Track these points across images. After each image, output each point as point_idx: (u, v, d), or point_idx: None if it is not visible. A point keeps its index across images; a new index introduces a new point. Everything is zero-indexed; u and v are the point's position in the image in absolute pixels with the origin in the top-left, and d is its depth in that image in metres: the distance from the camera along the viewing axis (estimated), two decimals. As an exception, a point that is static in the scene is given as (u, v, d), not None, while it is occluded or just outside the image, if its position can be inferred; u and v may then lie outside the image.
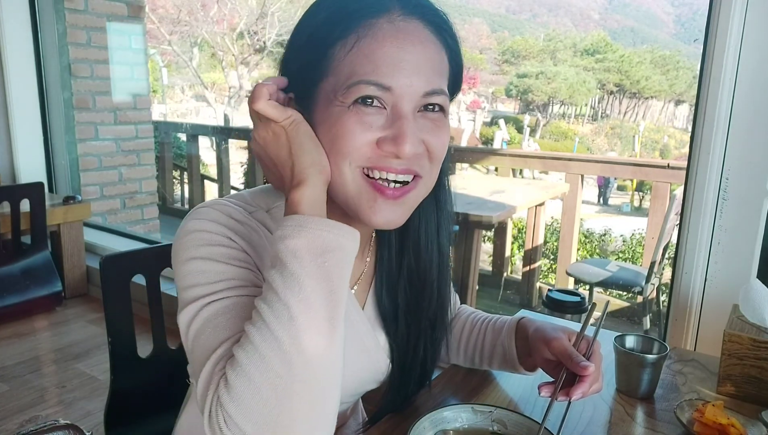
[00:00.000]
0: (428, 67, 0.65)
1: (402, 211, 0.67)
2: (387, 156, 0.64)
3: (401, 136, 0.63)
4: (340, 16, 0.65)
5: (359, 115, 0.63)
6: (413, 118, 0.65)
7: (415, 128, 0.64)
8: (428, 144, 0.66)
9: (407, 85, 0.63)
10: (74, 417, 1.99)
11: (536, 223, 4.29)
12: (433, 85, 0.65)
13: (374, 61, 0.63)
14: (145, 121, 3.82)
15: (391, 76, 0.63)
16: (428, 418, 0.74)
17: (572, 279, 3.71)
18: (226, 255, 0.66)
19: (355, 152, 0.64)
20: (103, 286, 1.05)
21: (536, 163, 5.59)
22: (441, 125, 0.67)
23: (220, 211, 0.69)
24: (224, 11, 16.71)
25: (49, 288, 2.87)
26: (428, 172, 0.68)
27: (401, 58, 0.63)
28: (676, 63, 33.78)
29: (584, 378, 0.73)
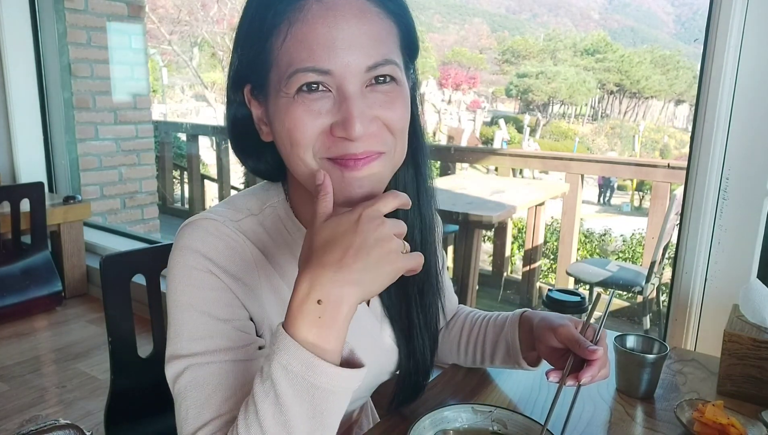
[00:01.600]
0: (367, 39, 0.61)
1: (370, 183, 0.64)
2: (343, 141, 0.62)
3: (349, 119, 0.60)
4: (269, 4, 0.63)
5: (305, 104, 0.61)
6: (361, 95, 0.62)
7: (365, 106, 0.62)
8: (383, 118, 0.64)
9: (346, 65, 0.60)
10: (74, 417, 1.99)
11: (536, 223, 4.29)
12: (376, 57, 0.62)
13: (308, 46, 0.60)
14: (145, 121, 3.82)
15: (328, 59, 0.60)
16: (428, 418, 0.75)
17: (572, 279, 3.71)
18: (211, 302, 0.66)
19: (312, 143, 0.62)
20: (103, 285, 1.05)
21: (536, 163, 5.60)
22: (394, 96, 0.64)
23: (205, 235, 0.68)
24: (224, 11, 16.72)
25: (49, 288, 2.88)
26: (392, 146, 0.65)
27: (335, 37, 0.60)
28: (676, 63, 33.80)
29: (593, 362, 0.72)
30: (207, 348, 0.65)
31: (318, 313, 0.54)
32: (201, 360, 0.65)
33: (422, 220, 0.78)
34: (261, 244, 0.71)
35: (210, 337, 0.65)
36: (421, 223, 0.78)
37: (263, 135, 0.69)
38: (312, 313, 0.54)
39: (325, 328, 0.54)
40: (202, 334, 0.65)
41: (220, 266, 0.67)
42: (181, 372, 0.65)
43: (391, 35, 0.65)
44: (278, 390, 0.54)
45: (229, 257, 0.68)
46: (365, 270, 0.55)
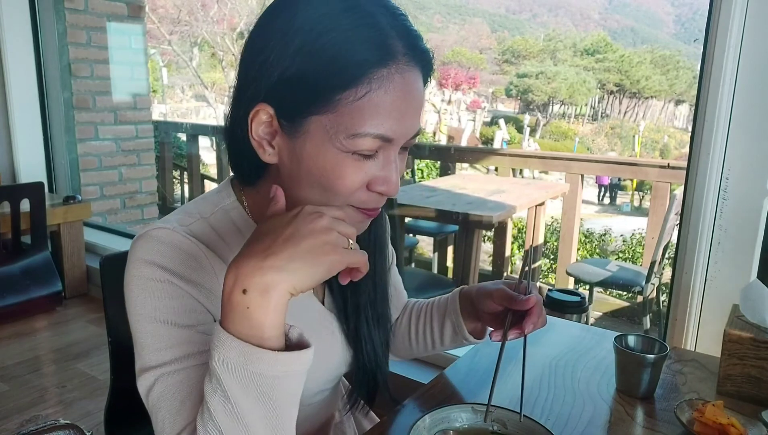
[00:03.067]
0: (418, 110, 0.67)
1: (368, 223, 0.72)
2: (376, 195, 0.67)
3: (391, 180, 0.66)
4: (347, 63, 0.61)
5: (359, 164, 0.64)
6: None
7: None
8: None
9: (404, 133, 0.66)
10: (74, 417, 2.00)
11: (536, 223, 4.29)
12: (418, 126, 0.68)
13: (382, 114, 0.62)
14: (145, 121, 3.82)
15: (395, 129, 0.64)
16: (428, 418, 0.75)
17: (572, 279, 3.71)
18: (172, 310, 0.66)
19: (348, 196, 0.66)
20: (103, 285, 1.05)
21: (536, 163, 5.60)
22: (404, 157, 0.71)
23: (157, 244, 0.68)
24: (224, 11, 16.71)
25: (49, 288, 2.88)
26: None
27: (405, 109, 0.64)
28: (676, 63, 33.80)
29: (530, 311, 0.79)
30: (174, 356, 0.65)
31: (246, 304, 0.54)
32: (170, 368, 0.65)
33: (376, 221, 0.80)
34: (213, 245, 0.71)
35: (176, 345, 0.65)
36: (376, 225, 0.82)
37: (264, 155, 0.67)
38: (240, 304, 0.54)
39: (256, 318, 0.54)
40: (168, 343, 0.65)
41: (176, 273, 0.67)
42: (152, 384, 0.65)
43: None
44: (223, 385, 0.54)
45: (184, 262, 0.67)
46: (293, 259, 0.54)
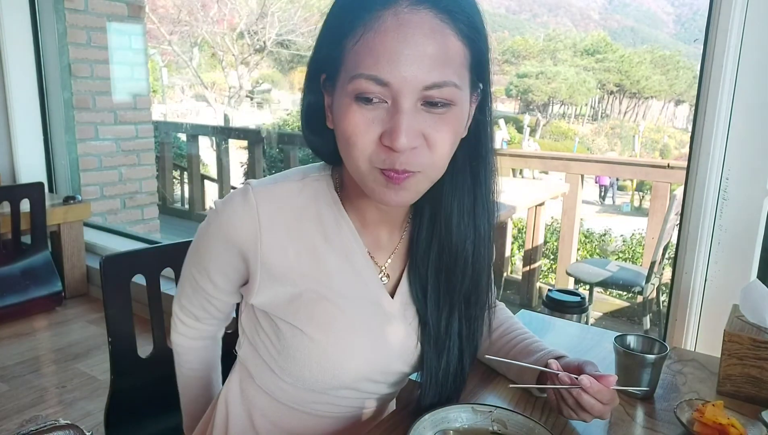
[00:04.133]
0: (430, 59, 0.63)
1: (407, 194, 0.69)
2: (387, 150, 0.65)
3: (396, 131, 0.64)
4: (351, 7, 0.67)
5: (362, 113, 0.65)
6: (414, 111, 0.65)
7: (414, 122, 0.65)
8: (429, 138, 0.66)
9: (404, 79, 0.63)
10: (74, 417, 1.99)
11: (536, 223, 4.29)
12: (435, 78, 0.64)
13: (375, 55, 0.63)
14: (145, 121, 3.82)
15: (389, 71, 0.63)
16: (428, 418, 0.74)
17: (572, 279, 3.70)
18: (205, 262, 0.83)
19: (367, 150, 0.67)
20: (104, 286, 1.05)
21: (536, 163, 5.59)
22: (446, 120, 0.67)
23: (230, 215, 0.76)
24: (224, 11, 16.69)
25: (49, 288, 2.88)
26: (429, 166, 0.68)
27: (400, 51, 0.63)
28: (676, 63, 33.77)
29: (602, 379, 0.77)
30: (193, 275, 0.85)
31: None
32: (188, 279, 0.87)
33: (475, 232, 0.78)
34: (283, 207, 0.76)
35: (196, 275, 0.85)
36: (474, 232, 0.78)
37: (328, 121, 0.73)
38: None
39: None
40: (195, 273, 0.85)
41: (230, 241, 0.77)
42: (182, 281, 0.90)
43: (459, 57, 0.66)
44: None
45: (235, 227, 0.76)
46: None
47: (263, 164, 5.76)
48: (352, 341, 0.77)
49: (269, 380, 0.83)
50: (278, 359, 0.80)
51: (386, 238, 0.82)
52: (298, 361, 0.77)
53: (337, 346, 0.76)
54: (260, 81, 21.99)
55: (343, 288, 0.78)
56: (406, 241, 0.84)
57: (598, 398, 0.76)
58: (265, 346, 0.81)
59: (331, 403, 0.83)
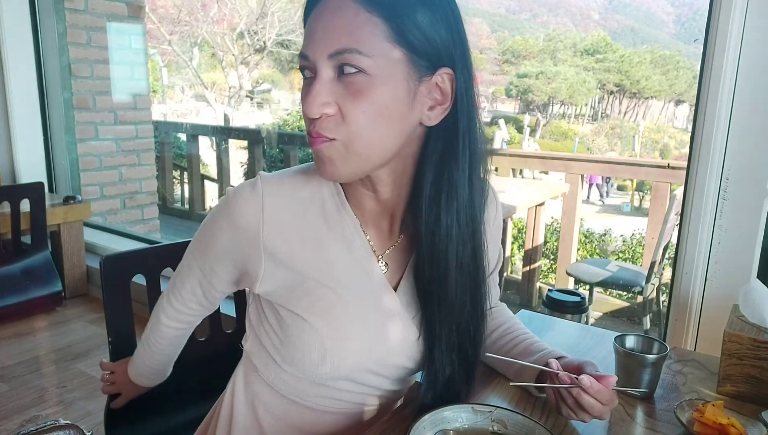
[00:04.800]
0: (335, 30, 0.68)
1: (330, 164, 0.73)
2: (307, 118, 0.71)
3: (306, 96, 0.70)
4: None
5: (304, 88, 0.72)
6: (330, 81, 0.69)
7: (329, 91, 0.69)
8: (342, 108, 0.69)
9: (314, 51, 0.70)
10: (74, 417, 2.00)
11: (536, 223, 4.29)
12: (337, 45, 0.68)
13: (305, 36, 0.72)
14: (145, 121, 3.82)
15: (308, 45, 0.71)
16: (428, 418, 0.74)
17: (572, 279, 3.71)
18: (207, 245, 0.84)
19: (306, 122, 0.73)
20: (104, 286, 1.05)
21: (536, 163, 5.60)
22: (359, 88, 0.68)
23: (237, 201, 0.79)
24: (224, 11, 16.69)
25: (49, 288, 2.88)
26: (346, 136, 0.70)
27: (315, 28, 0.70)
28: (676, 63, 33.76)
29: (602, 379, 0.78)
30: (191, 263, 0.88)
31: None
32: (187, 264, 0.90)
33: (461, 232, 0.77)
34: (289, 197, 0.79)
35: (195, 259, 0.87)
36: (462, 236, 0.77)
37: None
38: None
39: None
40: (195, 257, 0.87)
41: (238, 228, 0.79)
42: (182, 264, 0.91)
43: (370, 29, 0.68)
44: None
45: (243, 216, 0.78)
46: None
47: (263, 164, 5.76)
48: (351, 329, 0.78)
49: (272, 372, 0.84)
50: (280, 349, 0.81)
51: (386, 230, 0.83)
52: (298, 349, 0.78)
53: (335, 333, 0.77)
54: (260, 81, 22.00)
55: (344, 277, 0.79)
56: (412, 235, 0.84)
57: (598, 398, 0.76)
58: (268, 337, 0.83)
59: (332, 398, 0.83)
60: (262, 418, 0.86)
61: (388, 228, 0.83)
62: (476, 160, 0.76)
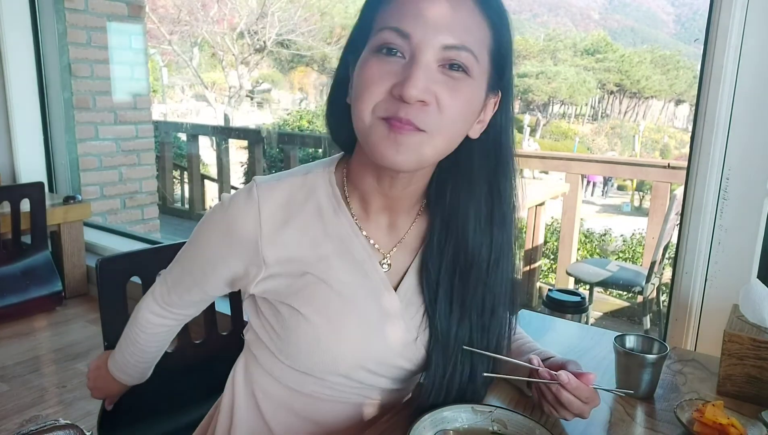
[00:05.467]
0: (455, 23, 0.66)
1: (407, 153, 0.68)
2: (396, 100, 0.66)
3: (408, 79, 0.64)
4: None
5: (379, 64, 0.67)
6: (430, 69, 0.66)
7: (429, 79, 0.66)
8: (440, 99, 0.67)
9: (424, 34, 0.65)
10: (74, 417, 1.99)
11: (536, 223, 4.29)
12: (456, 39, 0.66)
13: (400, 11, 0.66)
14: (145, 121, 3.82)
15: (412, 24, 0.65)
16: (428, 418, 0.74)
17: (572, 279, 3.71)
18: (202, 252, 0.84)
19: (374, 99, 0.67)
20: (100, 288, 1.05)
21: (536, 163, 5.58)
22: (461, 86, 0.67)
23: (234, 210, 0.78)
24: (224, 11, 16.68)
25: (49, 288, 2.87)
26: (436, 129, 0.67)
27: (426, 8, 0.65)
28: (676, 63, 33.74)
29: (582, 377, 0.78)
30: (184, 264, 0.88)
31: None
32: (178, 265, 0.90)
33: (492, 239, 0.78)
34: (285, 202, 0.78)
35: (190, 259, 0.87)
36: (491, 242, 0.78)
37: (349, 98, 0.75)
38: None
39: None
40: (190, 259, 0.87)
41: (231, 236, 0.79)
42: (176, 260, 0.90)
43: (481, 35, 0.68)
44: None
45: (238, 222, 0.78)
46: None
47: (263, 164, 5.76)
48: (348, 327, 0.78)
49: (271, 363, 0.84)
50: (277, 342, 0.81)
51: (391, 226, 0.82)
52: (293, 343, 0.78)
53: (332, 329, 0.77)
54: (260, 81, 21.98)
55: (342, 276, 0.79)
56: (416, 235, 0.84)
57: (577, 395, 0.77)
58: (265, 330, 0.83)
59: (331, 389, 0.82)
60: (263, 406, 0.86)
61: (393, 223, 0.82)
62: (512, 175, 0.79)
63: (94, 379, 1.04)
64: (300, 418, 0.84)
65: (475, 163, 0.75)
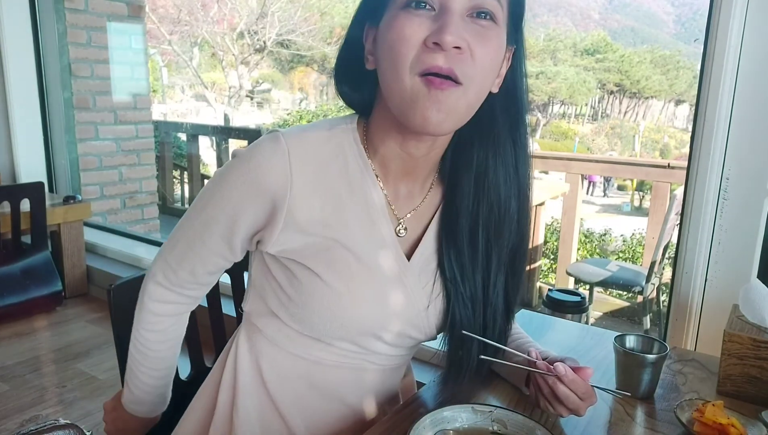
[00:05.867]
0: None
1: (447, 115, 0.68)
2: (432, 50, 0.66)
3: (444, 26, 0.66)
4: None
5: (410, 18, 0.67)
6: (461, 18, 0.67)
7: (462, 27, 0.67)
8: (473, 47, 0.68)
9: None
10: (74, 417, 1.99)
11: (536, 223, 4.28)
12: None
13: None
14: (145, 120, 3.82)
15: None
16: (428, 418, 0.75)
17: (572, 279, 3.71)
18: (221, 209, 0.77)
19: (408, 56, 0.67)
20: (113, 315, 0.98)
21: (536, 163, 5.54)
22: (490, 34, 0.69)
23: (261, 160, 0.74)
24: (224, 11, 16.68)
25: (49, 288, 2.87)
26: (470, 81, 0.68)
27: None
28: (676, 63, 33.74)
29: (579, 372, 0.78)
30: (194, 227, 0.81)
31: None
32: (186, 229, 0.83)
33: (519, 188, 0.81)
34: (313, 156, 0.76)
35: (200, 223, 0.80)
36: (519, 190, 0.81)
37: (368, 63, 0.76)
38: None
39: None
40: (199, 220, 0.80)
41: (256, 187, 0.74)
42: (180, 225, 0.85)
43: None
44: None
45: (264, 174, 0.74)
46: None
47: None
48: (366, 293, 0.77)
49: (276, 329, 0.82)
50: (289, 305, 0.79)
51: (408, 192, 0.83)
52: (308, 307, 0.77)
53: (352, 295, 0.77)
54: (260, 81, 21.99)
55: (362, 240, 0.78)
56: (430, 204, 0.84)
57: (573, 389, 0.77)
58: (275, 294, 0.81)
59: (335, 354, 0.82)
60: (267, 377, 0.84)
61: (409, 190, 0.83)
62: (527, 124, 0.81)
63: (112, 421, 0.95)
64: (304, 386, 0.84)
65: (498, 118, 0.77)
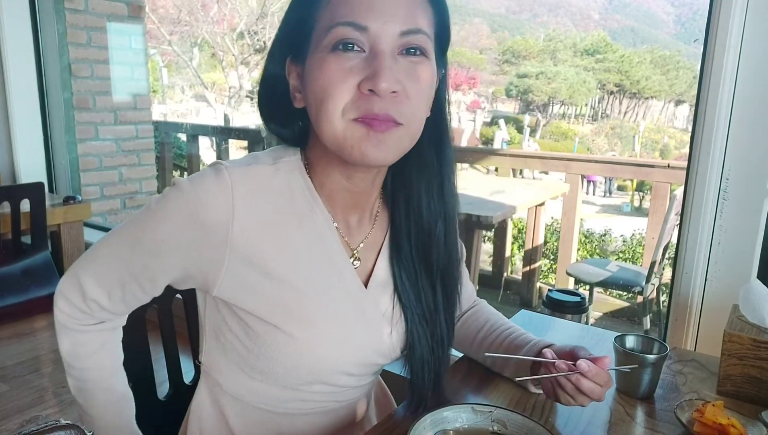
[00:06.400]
0: (404, 9, 0.66)
1: (387, 150, 0.68)
2: (368, 96, 0.65)
3: (378, 72, 0.64)
4: None
5: (339, 61, 0.65)
6: (392, 58, 0.66)
7: (395, 69, 0.66)
8: (407, 87, 0.67)
9: (382, 24, 0.65)
10: (74, 417, 1.98)
11: (536, 223, 4.29)
12: (410, 25, 0.66)
13: (350, 4, 0.65)
14: (145, 121, 3.82)
15: (366, 17, 0.65)
16: (428, 418, 0.74)
17: (572, 279, 3.71)
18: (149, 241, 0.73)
19: (342, 100, 0.65)
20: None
21: (536, 163, 5.60)
22: (421, 69, 0.68)
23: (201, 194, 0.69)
24: (224, 11, 16.69)
25: (49, 288, 2.87)
26: (409, 119, 0.68)
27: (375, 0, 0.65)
28: (676, 63, 33.77)
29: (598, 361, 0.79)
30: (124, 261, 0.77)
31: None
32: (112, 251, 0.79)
33: (445, 211, 0.80)
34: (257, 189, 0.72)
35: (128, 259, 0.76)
36: (444, 214, 0.80)
37: (296, 102, 0.74)
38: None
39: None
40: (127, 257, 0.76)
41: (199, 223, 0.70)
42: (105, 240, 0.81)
43: (427, 15, 0.69)
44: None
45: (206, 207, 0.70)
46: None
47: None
48: (327, 333, 0.75)
49: (239, 384, 0.80)
50: (248, 358, 0.76)
51: (358, 222, 0.82)
52: (270, 358, 0.74)
53: (312, 339, 0.74)
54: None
55: (317, 278, 0.75)
56: (380, 230, 0.84)
57: (596, 381, 0.77)
58: (233, 346, 0.78)
59: (304, 400, 0.81)
60: (236, 430, 0.83)
61: (359, 219, 0.82)
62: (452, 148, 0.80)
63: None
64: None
65: (425, 139, 0.75)
